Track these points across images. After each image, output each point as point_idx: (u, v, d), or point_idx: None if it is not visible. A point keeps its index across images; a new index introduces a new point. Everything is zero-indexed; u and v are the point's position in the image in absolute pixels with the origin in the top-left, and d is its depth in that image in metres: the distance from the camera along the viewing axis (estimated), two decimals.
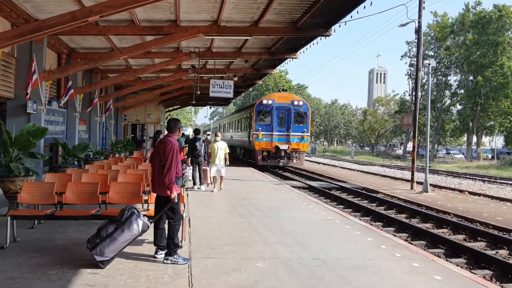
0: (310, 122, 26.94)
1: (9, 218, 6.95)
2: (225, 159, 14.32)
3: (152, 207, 7.56)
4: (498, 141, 73.01)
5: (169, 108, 45.26)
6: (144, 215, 6.36)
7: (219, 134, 15.06)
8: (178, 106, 47.42)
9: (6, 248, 6.77)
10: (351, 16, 12.73)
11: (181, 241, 7.01)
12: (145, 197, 7.76)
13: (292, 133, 25.44)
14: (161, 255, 6.49)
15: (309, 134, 26.30)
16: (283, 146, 25.37)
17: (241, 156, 33.31)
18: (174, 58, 17.59)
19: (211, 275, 5.80)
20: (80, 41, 16.01)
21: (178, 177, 6.45)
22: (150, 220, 6.39)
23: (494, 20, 53.03)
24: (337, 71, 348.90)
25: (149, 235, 7.06)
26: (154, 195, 7.64)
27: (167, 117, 42.48)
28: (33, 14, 12.07)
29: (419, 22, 18.35)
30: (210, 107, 52.27)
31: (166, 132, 17.40)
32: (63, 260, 6.21)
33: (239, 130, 32.87)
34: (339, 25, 13.61)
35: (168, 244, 6.37)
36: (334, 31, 13.88)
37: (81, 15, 8.80)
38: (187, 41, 15.85)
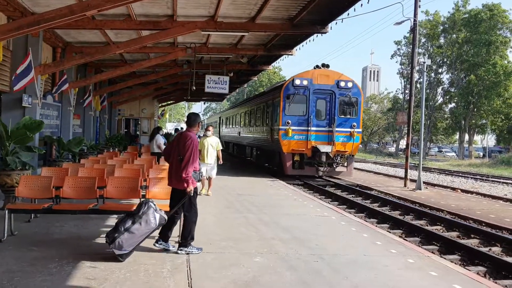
0: (362, 113, 19.12)
1: (7, 211, 6.95)
2: (218, 158, 12.76)
3: None
4: (489, 140, 73.58)
5: (163, 103, 45.14)
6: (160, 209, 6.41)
7: (210, 128, 12.88)
8: (172, 101, 47.31)
9: (4, 241, 6.77)
10: (348, 14, 12.82)
11: (179, 236, 7.04)
12: (143, 192, 7.76)
13: (337, 129, 18.11)
14: (160, 244, 6.62)
15: (360, 130, 18.61)
16: (324, 148, 17.80)
17: (254, 159, 25.34)
18: (169, 53, 17.55)
19: (210, 269, 5.83)
20: (75, 35, 15.94)
21: (195, 171, 6.56)
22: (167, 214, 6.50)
23: (486, 19, 53.33)
24: (331, 68, 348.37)
25: None
26: (152, 190, 7.71)
27: (160, 112, 42.35)
28: (29, 7, 12.00)
29: (415, 20, 18.43)
30: (204, 103, 52.11)
31: (159, 128, 17.36)
32: (61, 253, 6.22)
33: (253, 124, 24.43)
34: (336, 22, 13.66)
35: (183, 235, 6.55)
36: (331, 28, 13.95)
37: (79, 9, 8.79)
38: (183, 36, 15.80)
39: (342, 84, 18.33)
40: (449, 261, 7.37)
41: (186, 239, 6.54)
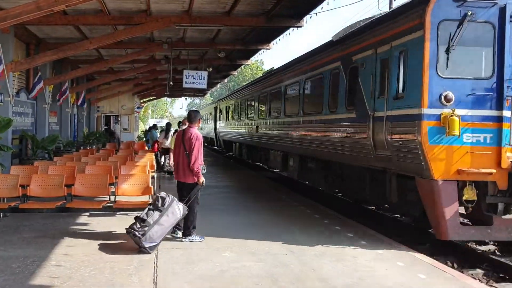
0: None
1: None
2: None
3: (119, 198, 7.54)
4: None
5: (144, 99, 44.76)
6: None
7: (187, 123, 8.44)
8: (153, 97, 46.95)
9: None
10: (322, 8, 12.77)
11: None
12: (112, 189, 7.69)
13: None
14: (178, 234, 7.02)
15: None
16: None
17: (295, 175, 14.06)
18: (146, 48, 17.42)
19: (176, 265, 5.82)
20: (48, 31, 15.68)
21: (201, 165, 7.01)
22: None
23: None
24: None
25: (117, 227, 7.06)
26: (122, 187, 7.65)
27: (138, 106, 41.84)
28: None
29: None
30: (186, 98, 51.69)
31: (170, 124, 16.93)
32: (27, 253, 6.16)
33: (296, 112, 13.22)
34: (310, 16, 13.65)
35: (187, 225, 6.90)
36: (306, 22, 13.97)
37: (46, 4, 8.66)
38: (159, 31, 15.67)
39: None
40: (417, 251, 7.44)
41: (189, 229, 6.91)
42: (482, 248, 8.47)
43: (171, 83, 19.54)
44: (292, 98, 13.79)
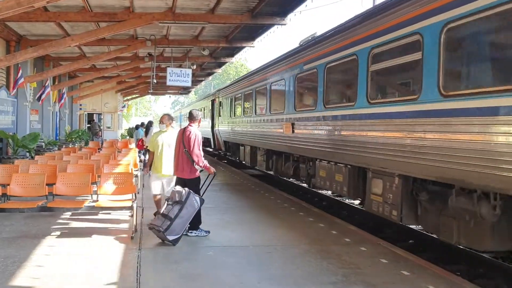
0: None
1: None
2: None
3: (101, 198, 7.46)
4: None
5: (128, 97, 44.39)
6: None
7: (165, 119, 8.24)
8: (137, 95, 46.60)
9: None
10: (306, 5, 12.79)
11: (133, 231, 6.98)
12: (95, 188, 7.60)
13: None
14: (191, 233, 7.19)
15: None
16: None
17: (400, 216, 7.14)
18: (129, 45, 17.27)
19: (160, 264, 5.78)
20: (29, 28, 15.45)
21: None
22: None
23: None
24: None
25: (99, 226, 6.97)
26: (104, 186, 7.57)
27: (122, 105, 41.51)
28: None
29: None
30: (170, 96, 51.46)
31: (152, 123, 16.78)
32: (7, 253, 6.04)
33: (437, 90, 5.86)
34: (295, 14, 13.67)
35: (192, 220, 6.96)
36: (290, 20, 13.99)
37: (26, 0, 8.55)
38: (142, 29, 15.57)
39: None
40: (401, 248, 7.51)
41: (194, 223, 7.09)
42: None
43: (155, 81, 19.47)
44: (387, 72, 7.63)
